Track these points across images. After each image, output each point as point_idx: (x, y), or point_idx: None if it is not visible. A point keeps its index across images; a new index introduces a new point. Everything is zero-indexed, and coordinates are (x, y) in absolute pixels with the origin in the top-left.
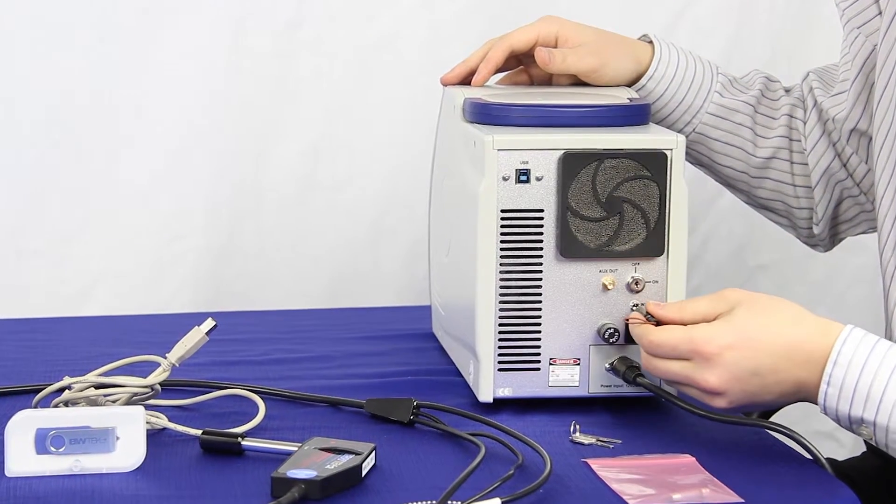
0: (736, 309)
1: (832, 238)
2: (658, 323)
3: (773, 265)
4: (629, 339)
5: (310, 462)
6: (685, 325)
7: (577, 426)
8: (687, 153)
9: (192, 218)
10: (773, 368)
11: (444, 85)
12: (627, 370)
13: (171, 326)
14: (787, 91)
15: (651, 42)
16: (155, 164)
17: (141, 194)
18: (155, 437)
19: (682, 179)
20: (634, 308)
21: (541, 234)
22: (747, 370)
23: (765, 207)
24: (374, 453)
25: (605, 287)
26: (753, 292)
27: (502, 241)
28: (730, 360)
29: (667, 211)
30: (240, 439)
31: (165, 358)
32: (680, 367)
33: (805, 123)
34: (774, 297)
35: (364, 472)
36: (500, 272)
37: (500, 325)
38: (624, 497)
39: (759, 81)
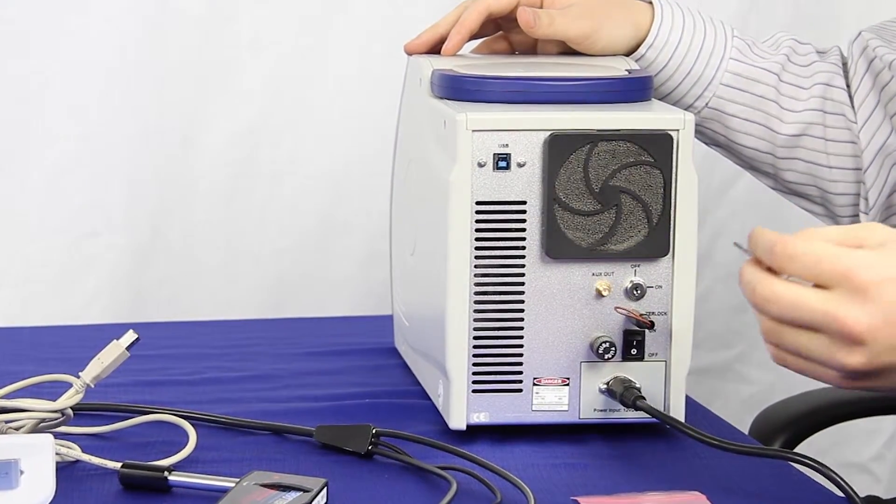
0: (889, 244)
1: None
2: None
3: None
4: (627, 356)
5: (250, 500)
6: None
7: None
8: (701, 131)
9: (108, 211)
10: None
11: (409, 54)
12: (626, 391)
13: (84, 340)
14: (822, 54)
15: (651, 3)
16: (64, 147)
17: (47, 183)
18: (66, 470)
19: (691, 166)
20: None
21: (523, 230)
22: None
23: (796, 193)
24: (325, 490)
25: (599, 293)
26: None
27: (478, 239)
28: (888, 296)
29: (672, 203)
30: (166, 473)
31: (78, 377)
32: (818, 298)
33: (853, 93)
34: None
35: None
36: (475, 275)
37: (475, 338)
38: None
39: (785, 45)
